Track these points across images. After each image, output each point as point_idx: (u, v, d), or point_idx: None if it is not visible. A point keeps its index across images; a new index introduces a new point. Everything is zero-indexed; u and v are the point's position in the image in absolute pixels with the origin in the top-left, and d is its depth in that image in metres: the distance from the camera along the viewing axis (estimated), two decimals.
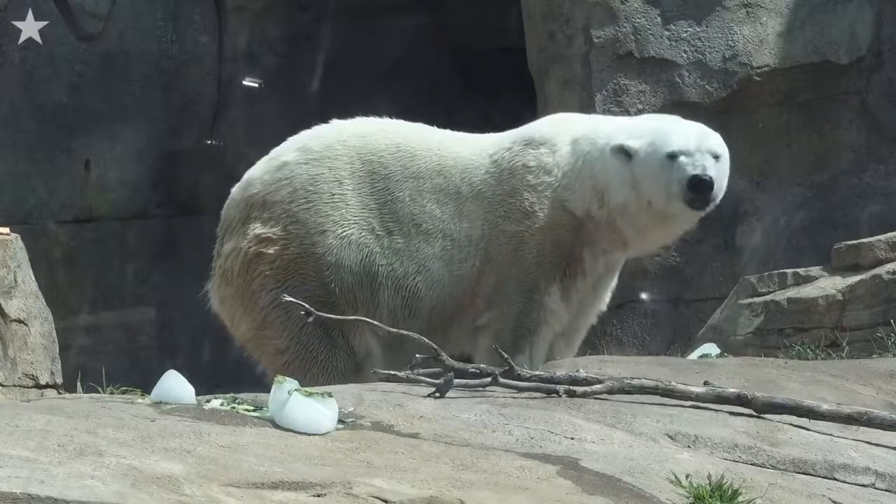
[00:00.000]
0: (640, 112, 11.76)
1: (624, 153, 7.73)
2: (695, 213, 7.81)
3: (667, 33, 11.85)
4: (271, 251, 7.79)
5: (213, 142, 13.90)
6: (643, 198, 7.75)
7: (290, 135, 8.07)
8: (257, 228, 7.82)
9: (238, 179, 8.08)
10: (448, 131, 8.05)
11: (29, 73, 13.01)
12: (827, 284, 9.92)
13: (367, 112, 8.15)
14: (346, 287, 7.78)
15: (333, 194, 7.81)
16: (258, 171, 7.94)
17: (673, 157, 7.69)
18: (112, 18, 13.32)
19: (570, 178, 7.81)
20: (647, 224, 7.83)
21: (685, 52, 11.87)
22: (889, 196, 12.02)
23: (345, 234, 7.78)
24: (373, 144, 7.88)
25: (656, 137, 7.76)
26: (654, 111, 11.77)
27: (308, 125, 8.08)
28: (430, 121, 8.14)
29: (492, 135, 8.05)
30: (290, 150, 7.93)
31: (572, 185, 7.81)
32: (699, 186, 7.64)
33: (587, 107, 11.68)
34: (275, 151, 7.99)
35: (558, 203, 7.81)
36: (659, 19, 11.85)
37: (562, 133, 7.91)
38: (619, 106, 11.77)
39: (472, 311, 7.85)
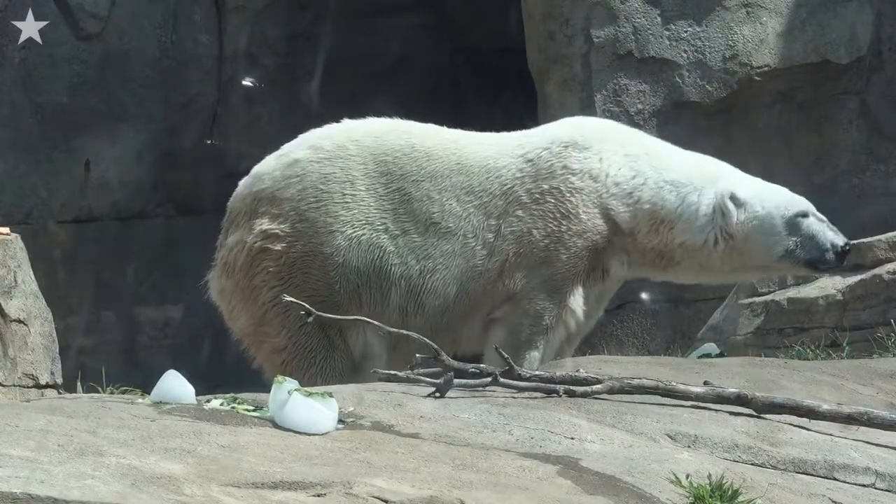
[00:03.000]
0: (640, 112, 11.77)
1: (734, 203, 7.80)
2: (819, 273, 8.20)
3: (667, 33, 11.86)
4: (277, 248, 7.78)
5: (213, 142, 13.90)
6: (737, 250, 7.83)
7: (290, 134, 8.06)
8: (264, 224, 7.80)
9: (238, 179, 8.07)
10: (459, 130, 8.04)
11: (29, 73, 13.01)
12: (827, 284, 9.92)
13: (366, 112, 8.14)
14: (351, 287, 7.77)
15: (345, 194, 7.79)
16: (268, 167, 7.91)
17: (804, 216, 7.83)
18: (112, 18, 13.32)
19: (623, 191, 7.81)
20: (719, 269, 7.94)
21: (685, 52, 11.88)
22: (889, 196, 12.03)
23: (355, 234, 7.76)
24: (387, 145, 7.86)
25: (766, 193, 7.86)
26: (654, 111, 11.78)
27: (308, 125, 8.06)
28: (430, 120, 8.13)
29: (513, 133, 8.05)
30: (301, 147, 7.90)
31: (624, 200, 7.81)
32: (849, 252, 7.92)
33: (587, 107, 11.69)
34: (285, 147, 7.96)
35: (604, 210, 7.81)
36: (659, 19, 11.86)
37: (609, 141, 7.90)
38: (619, 106, 11.78)
39: (489, 306, 7.84)
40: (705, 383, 6.40)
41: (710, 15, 11.89)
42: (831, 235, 7.84)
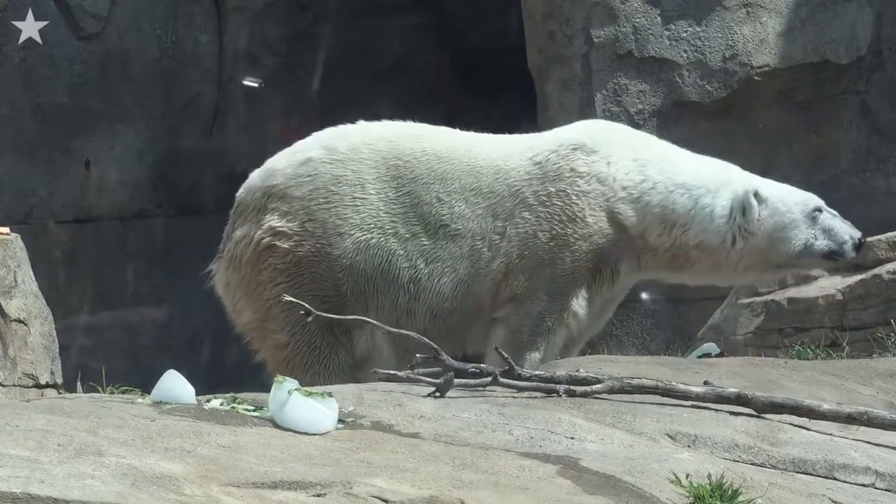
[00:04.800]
0: (640, 112, 11.77)
1: (757, 200, 7.87)
2: (836, 265, 8.41)
3: (667, 33, 11.86)
4: (285, 245, 7.77)
5: (213, 141, 13.90)
6: (757, 248, 7.89)
7: (290, 135, 8.05)
8: (273, 220, 7.80)
9: (238, 179, 8.07)
10: (471, 133, 8.05)
11: (29, 73, 13.01)
12: (827, 284, 9.92)
13: (366, 111, 8.15)
14: (358, 290, 7.77)
15: (355, 197, 7.79)
16: (280, 163, 7.90)
17: (819, 211, 7.95)
18: (112, 18, 13.32)
19: (631, 195, 7.82)
20: (734, 268, 7.97)
21: (685, 51, 11.87)
22: (889, 196, 12.02)
23: (363, 237, 7.76)
24: (399, 149, 7.86)
25: (783, 191, 7.97)
26: (654, 111, 11.78)
27: (308, 125, 8.06)
28: (430, 121, 8.14)
29: (524, 136, 8.06)
30: (314, 146, 7.90)
31: (632, 204, 7.82)
32: (864, 244, 8.08)
33: (587, 107, 11.68)
34: (298, 145, 7.96)
35: (611, 214, 7.82)
36: (659, 19, 11.86)
37: (617, 145, 7.91)
38: (619, 106, 11.78)
39: (493, 308, 7.85)
40: (705, 383, 6.40)
41: (710, 15, 11.88)
42: (847, 228, 7.96)
